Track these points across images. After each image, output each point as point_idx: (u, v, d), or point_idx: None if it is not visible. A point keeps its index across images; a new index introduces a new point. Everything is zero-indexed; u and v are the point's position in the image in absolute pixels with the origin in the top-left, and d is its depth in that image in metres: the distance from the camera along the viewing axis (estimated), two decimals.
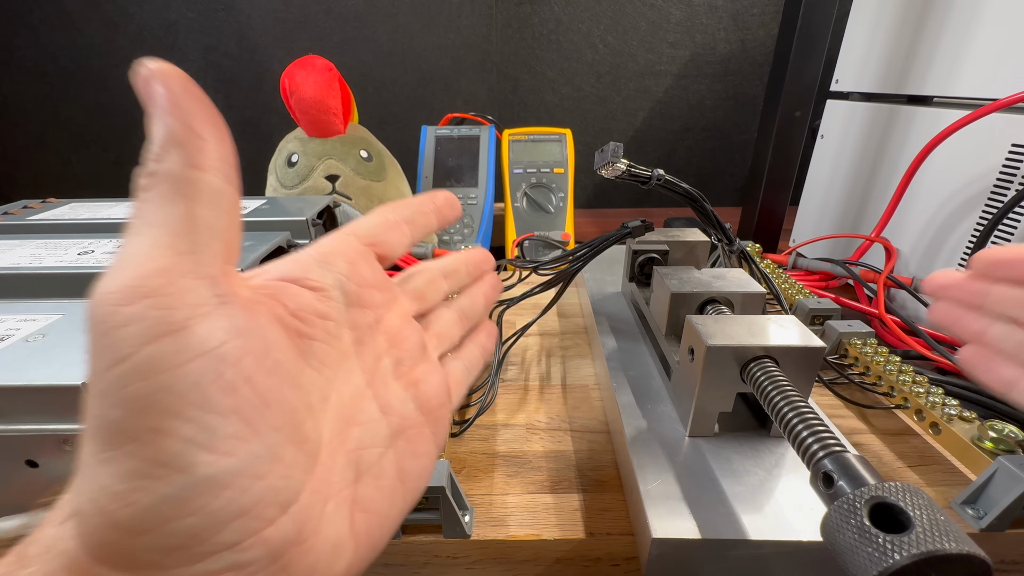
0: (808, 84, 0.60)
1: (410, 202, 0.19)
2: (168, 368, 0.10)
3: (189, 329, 0.11)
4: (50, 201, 0.55)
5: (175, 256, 0.11)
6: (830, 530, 0.15)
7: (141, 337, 0.10)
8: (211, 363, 0.11)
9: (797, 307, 0.41)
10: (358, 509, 0.14)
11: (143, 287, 0.10)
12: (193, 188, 0.12)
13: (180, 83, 0.12)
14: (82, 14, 1.01)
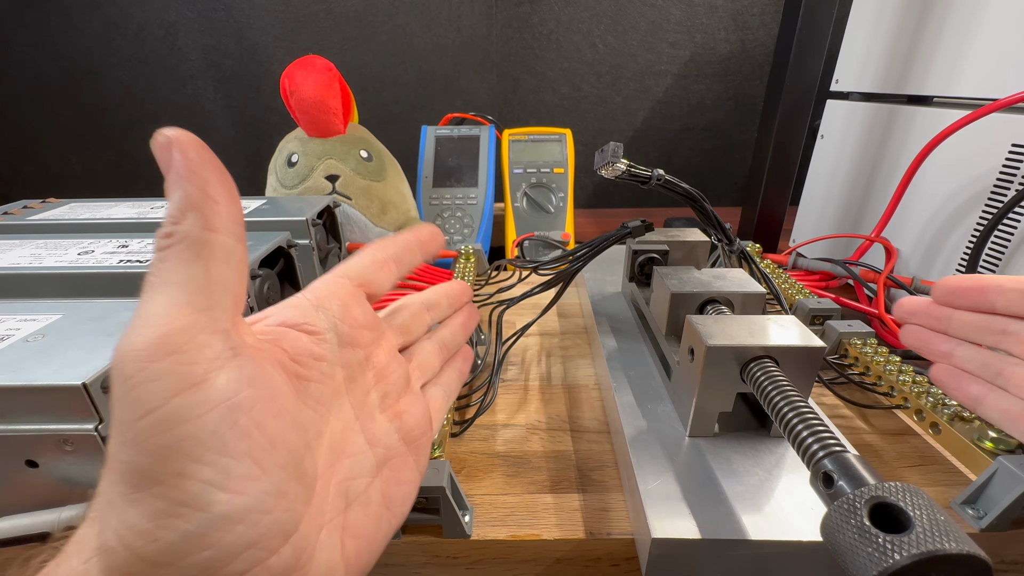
0: (808, 84, 0.60)
1: (397, 239, 0.20)
2: (191, 418, 0.11)
3: (209, 382, 0.12)
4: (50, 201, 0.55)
5: (194, 314, 0.12)
6: (830, 530, 0.15)
7: (168, 391, 0.11)
8: (227, 412, 0.12)
9: (797, 307, 0.41)
10: (348, 535, 0.15)
11: (168, 345, 0.11)
12: (208, 249, 0.13)
13: (196, 150, 0.13)
14: (82, 14, 1.01)
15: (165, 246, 0.12)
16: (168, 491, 0.11)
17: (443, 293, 0.23)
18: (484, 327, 0.43)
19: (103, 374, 0.24)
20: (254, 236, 0.42)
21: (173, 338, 0.12)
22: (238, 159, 1.15)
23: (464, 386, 0.36)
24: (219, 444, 0.12)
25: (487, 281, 0.51)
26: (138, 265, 0.37)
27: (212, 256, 0.13)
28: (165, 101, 1.09)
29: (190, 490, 0.11)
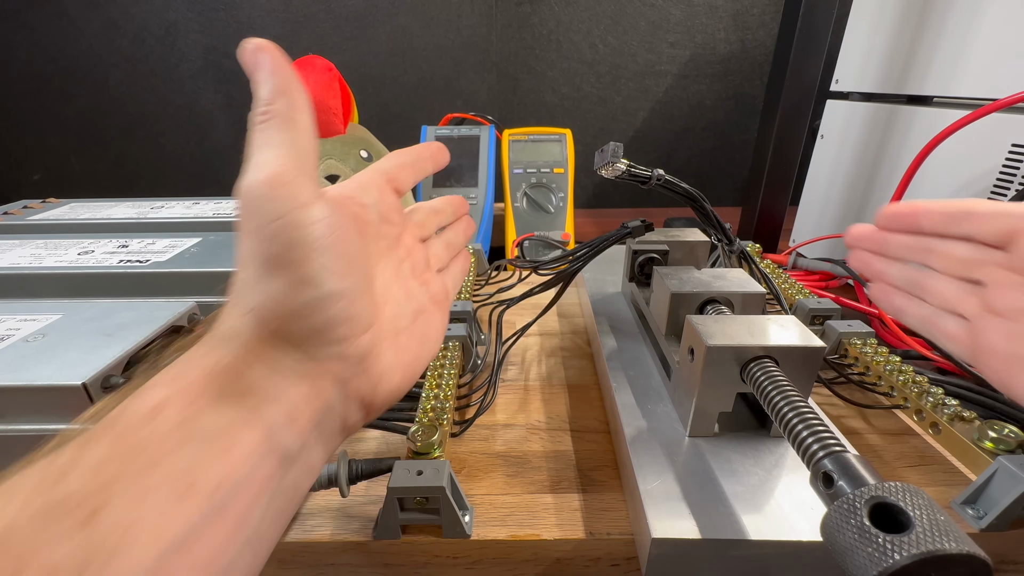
0: (808, 84, 0.60)
1: (413, 150, 0.26)
2: (304, 225, 0.17)
3: (311, 205, 0.17)
4: (50, 201, 0.55)
5: (293, 163, 0.17)
6: (830, 530, 0.15)
7: (289, 205, 0.16)
8: (325, 227, 0.17)
9: (797, 307, 0.41)
10: (399, 351, 0.21)
11: (282, 178, 0.17)
12: (294, 122, 0.18)
13: (278, 53, 0.18)
14: (82, 14, 1.01)
15: (264, 120, 0.17)
16: (295, 270, 0.16)
17: (446, 202, 0.29)
18: (484, 327, 0.43)
19: (103, 374, 0.24)
20: None
21: (284, 176, 0.17)
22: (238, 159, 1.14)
23: (464, 386, 0.36)
24: (323, 246, 0.17)
25: (487, 281, 0.51)
26: (138, 265, 0.37)
27: (297, 128, 0.18)
28: (165, 101, 1.09)
29: (308, 272, 0.17)
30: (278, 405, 0.16)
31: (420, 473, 0.24)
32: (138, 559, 0.12)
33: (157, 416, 0.14)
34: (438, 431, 0.28)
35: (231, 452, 0.15)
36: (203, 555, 0.13)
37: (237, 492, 0.14)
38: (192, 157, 1.15)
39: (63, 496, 0.12)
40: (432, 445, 0.27)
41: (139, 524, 0.12)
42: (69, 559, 0.11)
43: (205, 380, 0.15)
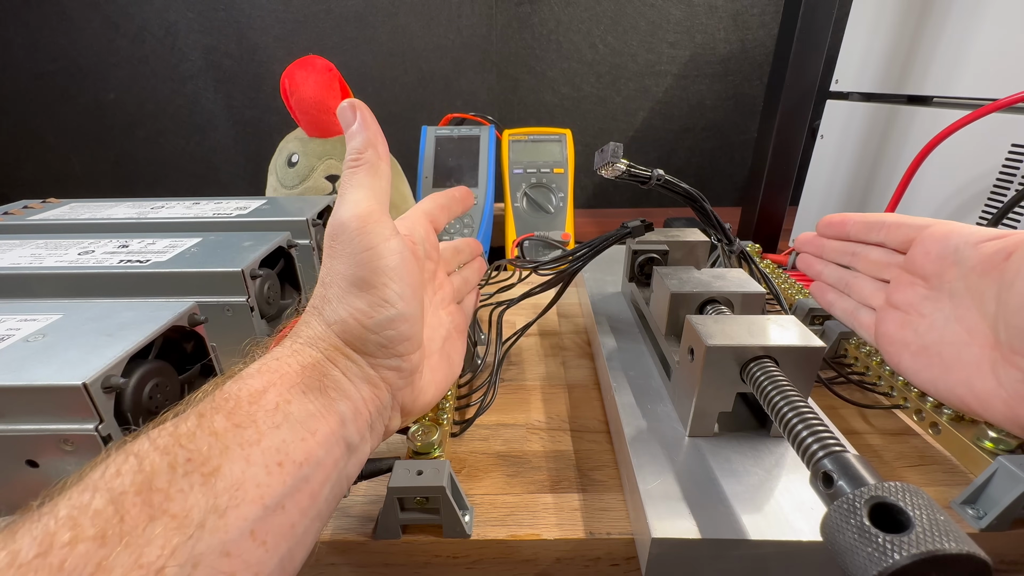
0: (808, 84, 0.60)
1: (446, 194, 0.31)
2: (385, 256, 0.21)
3: (392, 240, 0.21)
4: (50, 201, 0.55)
5: (379, 204, 0.22)
6: (830, 530, 0.15)
7: (376, 239, 0.21)
8: (399, 259, 0.21)
9: (797, 307, 0.41)
10: (433, 370, 0.25)
11: (372, 216, 0.21)
12: (379, 171, 0.22)
13: (369, 112, 0.23)
14: (82, 14, 1.01)
15: (355, 165, 0.22)
16: (376, 293, 0.21)
17: (466, 243, 0.34)
18: (484, 327, 0.43)
19: (103, 374, 0.24)
20: (254, 236, 0.42)
21: (374, 215, 0.21)
22: (238, 159, 1.15)
23: (464, 386, 0.36)
24: (398, 275, 0.21)
25: (487, 281, 0.51)
26: (138, 265, 0.37)
27: (380, 176, 0.22)
28: (165, 101, 1.09)
29: (385, 295, 0.21)
30: (348, 402, 0.19)
31: (420, 473, 0.24)
32: (243, 515, 0.15)
33: (260, 399, 0.17)
34: (438, 431, 0.28)
35: (313, 436, 0.17)
36: (286, 521, 0.16)
37: (315, 470, 0.17)
38: (192, 157, 1.15)
39: (191, 453, 0.15)
40: (432, 445, 0.27)
41: (246, 485, 0.15)
42: (192, 507, 0.14)
43: (298, 374, 0.19)
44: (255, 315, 0.38)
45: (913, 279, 0.28)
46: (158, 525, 0.13)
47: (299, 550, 0.17)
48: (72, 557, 0.12)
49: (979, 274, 0.25)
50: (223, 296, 0.37)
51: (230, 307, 0.37)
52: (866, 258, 0.31)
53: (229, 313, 0.37)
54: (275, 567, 0.15)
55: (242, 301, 0.37)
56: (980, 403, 0.24)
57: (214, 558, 0.13)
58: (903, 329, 0.28)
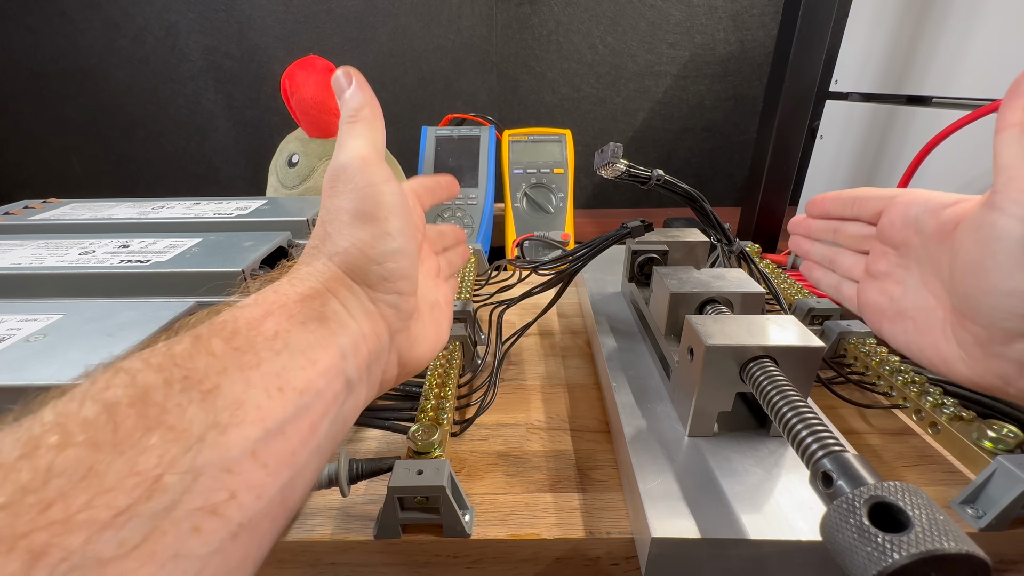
0: (807, 84, 0.60)
1: (431, 177, 0.31)
2: (386, 193, 0.21)
3: (390, 181, 0.22)
4: (51, 201, 0.55)
5: (377, 152, 0.22)
6: (829, 529, 0.15)
7: (377, 177, 0.21)
8: (399, 198, 0.22)
9: (796, 307, 0.41)
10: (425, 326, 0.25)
11: (372, 159, 0.22)
12: (375, 127, 0.23)
13: (363, 78, 0.24)
14: (82, 14, 1.01)
15: (353, 121, 0.23)
16: (379, 224, 0.21)
17: (449, 228, 0.34)
18: (484, 327, 0.43)
19: None
20: (255, 236, 0.42)
21: (373, 157, 0.22)
22: (239, 159, 1.15)
23: (464, 386, 0.36)
24: (398, 212, 0.22)
25: (487, 281, 0.51)
26: (139, 265, 0.37)
27: (376, 130, 0.23)
28: (166, 101, 1.09)
29: (387, 227, 0.21)
30: (348, 336, 0.19)
31: (420, 473, 0.24)
32: (245, 434, 0.14)
33: (260, 325, 0.17)
34: (438, 431, 0.28)
35: (314, 365, 0.17)
36: (287, 447, 0.15)
37: (316, 401, 0.17)
38: (192, 157, 1.15)
39: (188, 371, 0.14)
40: (432, 445, 0.27)
41: (246, 406, 0.14)
42: (191, 422, 0.13)
43: (298, 303, 0.18)
44: None
45: (886, 248, 0.29)
46: (155, 435, 0.12)
47: (299, 481, 0.16)
48: (60, 460, 0.11)
49: (936, 242, 0.26)
50: (224, 296, 0.37)
51: None
52: (845, 232, 0.33)
53: None
54: (276, 493, 0.15)
55: None
56: (945, 364, 0.25)
57: (216, 472, 0.13)
58: (881, 296, 0.29)
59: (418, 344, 0.24)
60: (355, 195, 0.21)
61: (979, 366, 0.24)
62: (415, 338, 0.24)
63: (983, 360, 0.24)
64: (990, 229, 0.22)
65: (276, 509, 0.15)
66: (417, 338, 0.24)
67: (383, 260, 0.21)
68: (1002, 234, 0.21)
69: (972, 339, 0.24)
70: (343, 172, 0.21)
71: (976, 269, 0.23)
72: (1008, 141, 0.22)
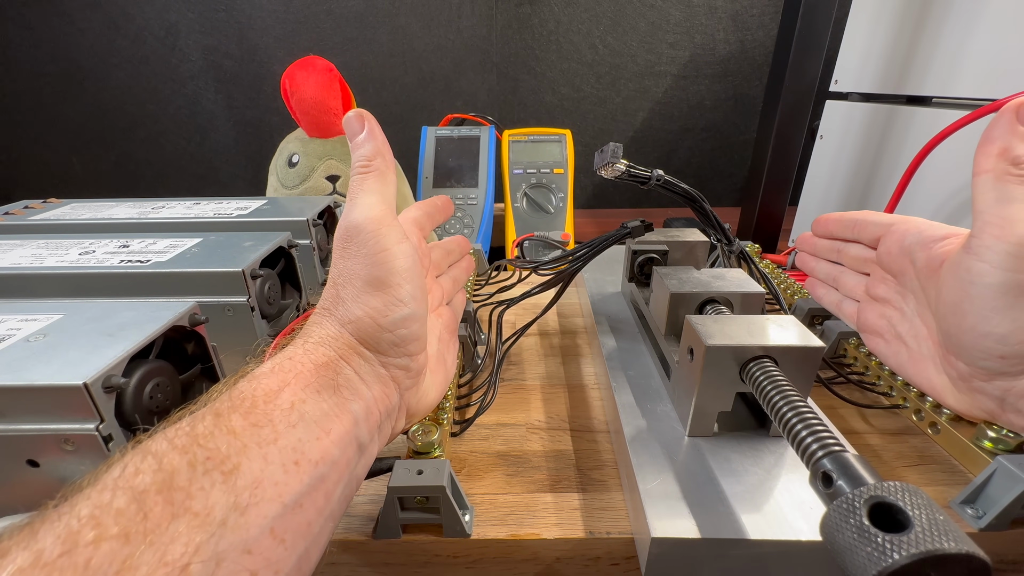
0: (807, 84, 0.60)
1: (427, 202, 0.31)
2: (399, 258, 0.22)
3: (403, 243, 0.22)
4: (51, 201, 0.55)
5: (389, 209, 0.22)
6: (829, 530, 0.15)
7: (391, 241, 0.22)
8: (411, 261, 0.22)
9: (796, 307, 0.41)
10: (434, 371, 0.26)
11: (385, 220, 0.22)
12: (387, 178, 0.23)
13: (375, 121, 0.24)
14: (82, 14, 1.01)
15: (364, 172, 0.22)
16: (391, 292, 0.21)
17: (455, 243, 0.34)
18: (484, 327, 0.43)
19: (104, 374, 0.24)
20: (255, 236, 0.42)
21: (387, 218, 0.22)
22: (239, 159, 1.15)
23: (464, 386, 0.36)
24: (410, 276, 0.22)
25: (487, 281, 0.51)
26: (139, 265, 0.37)
27: (389, 182, 0.23)
28: (166, 101, 1.09)
29: (400, 295, 0.21)
30: (361, 402, 0.20)
31: (420, 472, 0.24)
32: (263, 513, 0.15)
33: (277, 398, 0.17)
34: (438, 431, 0.28)
35: (328, 435, 0.18)
36: (303, 519, 0.16)
37: (331, 470, 0.17)
38: (192, 157, 1.15)
39: (210, 452, 0.15)
40: (432, 444, 0.27)
41: (264, 484, 0.15)
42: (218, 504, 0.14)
43: (311, 373, 0.19)
44: (256, 315, 0.38)
45: (885, 275, 0.30)
46: (181, 523, 0.13)
47: (315, 549, 0.17)
48: (97, 556, 0.12)
49: (925, 276, 0.26)
50: (224, 296, 0.37)
51: (231, 307, 0.37)
52: (847, 254, 0.33)
53: (230, 313, 0.37)
54: (293, 566, 0.15)
55: (243, 301, 0.37)
56: (936, 393, 0.27)
57: (237, 555, 0.14)
58: (880, 319, 0.30)
59: (427, 394, 0.25)
60: (367, 261, 0.21)
61: (965, 399, 0.25)
62: (425, 391, 0.25)
63: (968, 394, 0.24)
64: (966, 273, 0.22)
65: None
66: (427, 389, 0.25)
67: (395, 328, 0.21)
68: (977, 279, 0.22)
69: (956, 374, 0.24)
70: (356, 234, 0.21)
71: (956, 310, 0.23)
72: (982, 187, 0.22)
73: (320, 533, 0.17)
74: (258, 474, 0.15)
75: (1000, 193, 0.22)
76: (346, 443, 0.18)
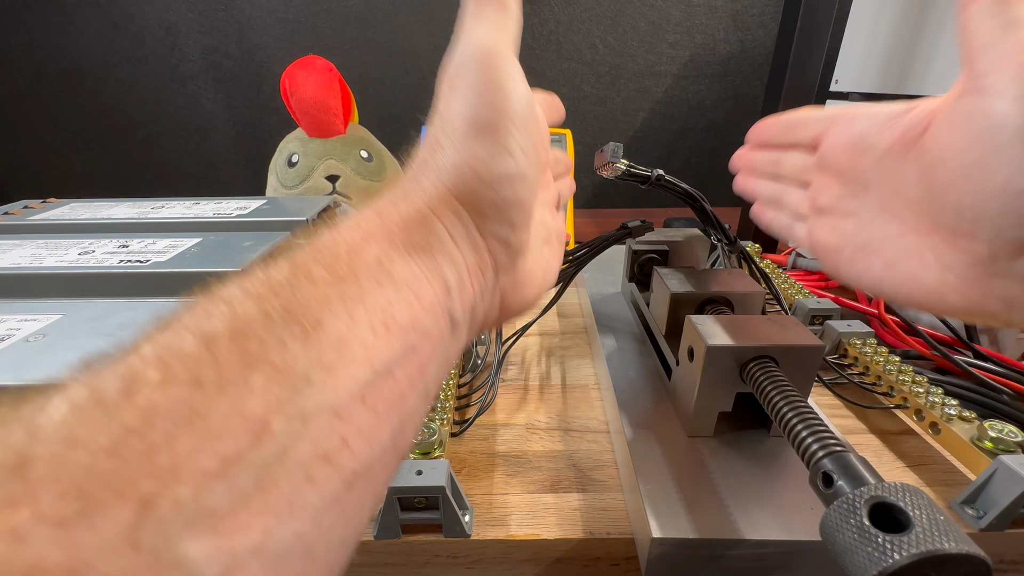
0: (808, 84, 0.60)
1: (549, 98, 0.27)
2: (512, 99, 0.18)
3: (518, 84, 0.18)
4: (51, 201, 0.55)
5: (508, 41, 0.19)
6: (829, 530, 0.15)
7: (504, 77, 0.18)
8: (525, 106, 0.18)
9: (797, 307, 0.41)
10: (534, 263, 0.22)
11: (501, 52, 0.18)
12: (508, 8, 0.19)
13: None
14: (82, 14, 1.01)
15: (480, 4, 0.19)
16: (499, 139, 0.18)
17: (561, 155, 0.31)
18: None
19: None
20: (255, 236, 0.42)
21: (503, 50, 0.18)
22: (238, 159, 1.15)
23: (464, 386, 0.36)
24: (523, 124, 0.18)
25: None
26: (138, 265, 0.37)
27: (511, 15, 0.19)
28: (165, 101, 1.09)
29: (508, 144, 0.18)
30: (454, 268, 0.17)
31: (420, 473, 0.24)
32: (352, 376, 0.13)
33: (361, 252, 0.15)
34: (438, 431, 0.28)
35: (419, 300, 0.16)
36: (395, 391, 0.14)
37: (423, 340, 0.15)
38: (192, 157, 1.15)
39: (289, 302, 0.13)
40: (432, 445, 0.27)
41: (351, 344, 0.13)
42: (295, 360, 0.12)
43: (400, 228, 0.16)
44: None
45: (825, 179, 0.26)
46: (258, 374, 0.11)
47: (410, 427, 0.15)
48: (163, 401, 0.10)
49: (895, 156, 0.22)
50: None
51: None
52: (788, 164, 0.29)
53: None
54: (388, 439, 0.14)
55: None
56: (932, 296, 0.22)
57: (325, 417, 0.12)
58: (832, 235, 0.25)
59: (523, 286, 0.22)
60: (474, 98, 0.18)
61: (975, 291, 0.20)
62: (521, 279, 0.21)
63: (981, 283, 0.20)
64: (985, 119, 0.18)
65: (389, 456, 0.14)
66: (523, 279, 0.21)
67: (498, 184, 0.18)
68: (1003, 121, 0.18)
69: (968, 260, 0.20)
70: (462, 68, 0.18)
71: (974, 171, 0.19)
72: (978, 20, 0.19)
73: (415, 411, 0.15)
74: (344, 332, 0.13)
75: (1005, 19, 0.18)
76: (439, 312, 0.16)
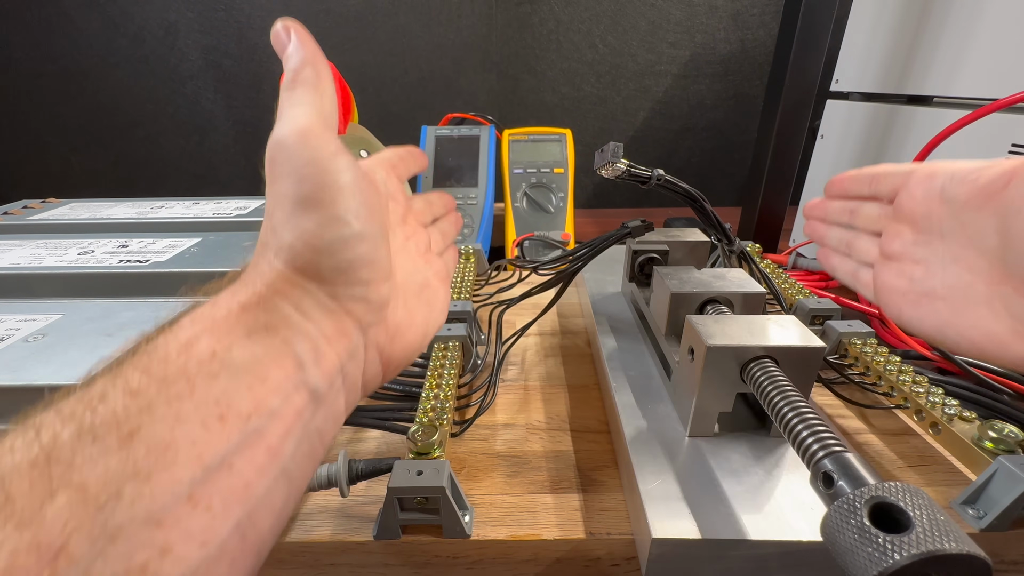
0: (808, 84, 0.60)
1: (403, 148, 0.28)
2: (332, 171, 0.18)
3: (337, 156, 0.18)
4: (50, 201, 0.55)
5: (320, 120, 0.19)
6: (830, 530, 0.15)
7: (319, 153, 0.18)
8: (350, 175, 0.18)
9: (797, 307, 0.41)
10: (411, 311, 0.22)
11: (313, 131, 0.18)
12: (320, 89, 0.20)
13: (304, 30, 0.21)
14: (82, 14, 1.01)
15: (293, 85, 0.20)
16: (325, 209, 0.18)
17: (437, 196, 0.31)
18: (484, 327, 0.43)
19: None
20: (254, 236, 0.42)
21: (314, 128, 0.18)
22: (238, 159, 1.15)
23: (464, 386, 0.36)
24: (349, 191, 0.18)
25: (487, 281, 0.51)
26: (138, 265, 0.37)
27: (322, 93, 0.20)
28: (165, 101, 1.09)
29: (336, 212, 0.18)
30: (307, 341, 0.17)
31: (420, 473, 0.24)
32: (177, 477, 0.12)
33: (189, 350, 0.15)
34: (438, 431, 0.28)
35: (263, 383, 0.15)
36: (238, 482, 0.14)
37: (270, 422, 0.15)
38: (192, 157, 1.15)
39: (102, 419, 0.12)
40: (432, 445, 0.27)
41: (177, 445, 0.13)
42: (104, 476, 0.12)
43: (236, 316, 0.16)
44: None
45: (900, 227, 0.27)
46: (59, 499, 0.11)
47: (263, 514, 0.15)
48: None
49: (974, 208, 0.23)
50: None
51: None
52: (864, 214, 0.30)
53: None
54: (230, 533, 0.13)
55: None
56: (997, 345, 0.22)
57: (138, 528, 0.12)
58: (898, 279, 0.26)
59: (403, 334, 0.22)
60: (295, 177, 0.18)
61: None
62: (397, 328, 0.21)
63: None
64: None
65: (234, 551, 0.14)
66: (400, 328, 0.21)
67: (335, 251, 0.18)
68: None
69: None
70: (281, 151, 0.18)
71: None
72: None
73: (267, 494, 0.15)
74: (166, 435, 0.13)
75: None
76: (289, 390, 0.16)
